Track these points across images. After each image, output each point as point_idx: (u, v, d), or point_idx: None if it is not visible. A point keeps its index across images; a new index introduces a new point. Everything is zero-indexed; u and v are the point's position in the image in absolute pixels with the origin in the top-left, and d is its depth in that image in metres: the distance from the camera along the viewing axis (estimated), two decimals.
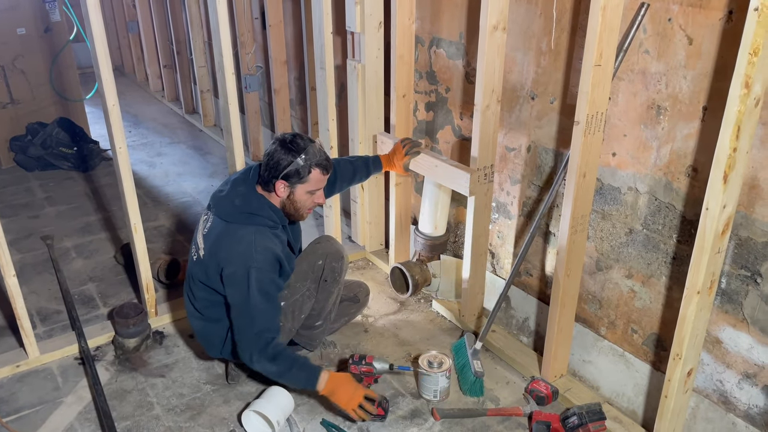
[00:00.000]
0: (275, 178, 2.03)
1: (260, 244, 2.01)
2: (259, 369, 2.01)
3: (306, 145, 2.02)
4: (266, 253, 2.01)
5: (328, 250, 2.23)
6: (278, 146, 2.01)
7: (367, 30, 2.63)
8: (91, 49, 2.14)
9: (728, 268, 1.78)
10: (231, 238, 2.03)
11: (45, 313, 2.71)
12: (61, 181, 4.06)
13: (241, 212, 2.05)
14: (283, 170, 2.01)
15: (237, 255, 2.00)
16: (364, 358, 2.18)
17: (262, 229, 2.04)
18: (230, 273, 2.00)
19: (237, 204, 2.07)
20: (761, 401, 1.79)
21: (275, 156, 2.01)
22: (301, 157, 2.00)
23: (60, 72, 4.35)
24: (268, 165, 2.03)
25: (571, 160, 1.92)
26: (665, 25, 1.76)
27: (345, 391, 2.00)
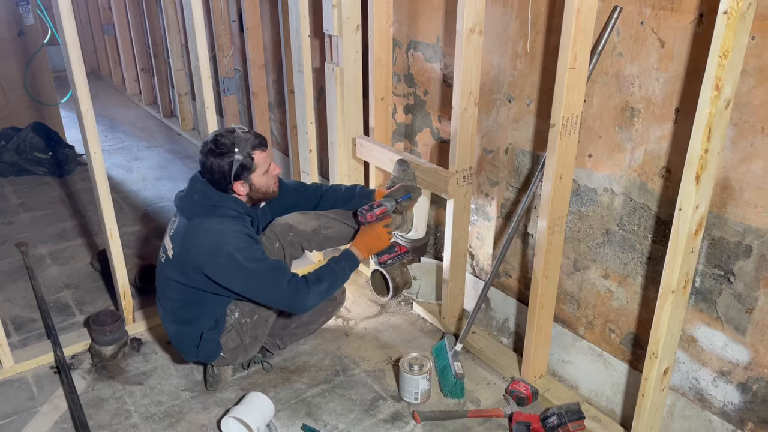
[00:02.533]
0: (229, 184, 2.03)
1: (227, 230, 2.01)
2: (318, 300, 2.05)
3: (232, 139, 2.01)
4: (238, 235, 2.01)
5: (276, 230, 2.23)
6: (210, 156, 2.01)
7: (345, 33, 2.63)
8: (65, 53, 2.11)
9: (702, 268, 1.80)
10: (196, 233, 2.03)
11: (20, 321, 2.66)
12: (36, 186, 3.99)
13: (201, 206, 2.06)
14: (230, 173, 2.01)
15: (209, 249, 1.99)
16: (372, 205, 2.20)
17: (225, 220, 2.03)
18: (215, 268, 2.00)
19: (196, 199, 2.07)
20: (736, 398, 1.82)
21: (214, 166, 2.01)
22: (236, 152, 1.99)
23: (34, 76, 4.28)
24: (213, 178, 2.04)
25: (548, 162, 1.94)
26: (638, 28, 1.78)
27: (372, 238, 2.17)
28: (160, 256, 2.18)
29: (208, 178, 2.06)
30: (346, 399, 2.23)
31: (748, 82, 1.58)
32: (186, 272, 2.07)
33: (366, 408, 2.19)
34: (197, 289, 2.09)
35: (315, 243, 2.26)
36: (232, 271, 1.99)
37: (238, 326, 2.16)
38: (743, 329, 1.75)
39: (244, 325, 2.17)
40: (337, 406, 2.20)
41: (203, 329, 2.15)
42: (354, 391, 2.27)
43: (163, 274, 2.15)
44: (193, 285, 2.08)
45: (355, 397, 2.24)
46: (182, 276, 2.08)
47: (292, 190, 2.36)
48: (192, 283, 2.08)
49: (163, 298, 2.21)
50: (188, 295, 2.11)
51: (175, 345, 2.27)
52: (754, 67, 1.56)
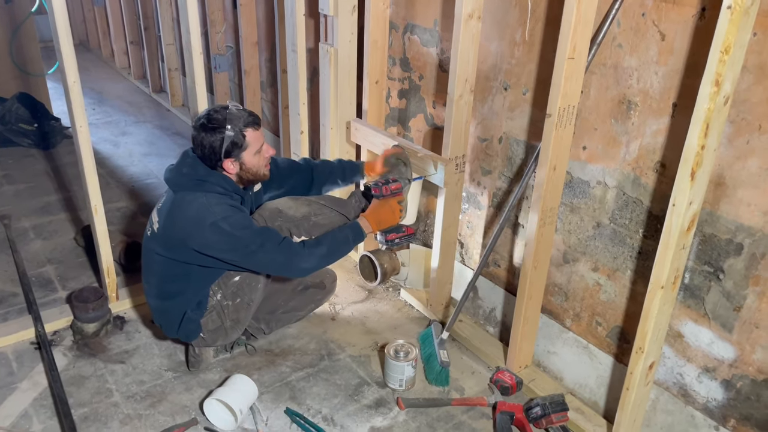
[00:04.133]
0: (219, 161, 2.00)
1: (212, 201, 1.98)
2: (315, 263, 2.03)
3: (225, 115, 1.97)
4: (222, 205, 1.98)
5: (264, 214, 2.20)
6: (201, 132, 1.98)
7: (341, 13, 2.58)
8: (52, 23, 2.05)
9: (692, 264, 1.80)
10: (180, 206, 2.01)
11: (0, 295, 2.62)
12: (21, 158, 3.92)
13: (189, 179, 2.03)
14: (220, 150, 1.97)
15: (193, 221, 1.97)
16: (384, 179, 2.18)
17: (211, 195, 2.01)
18: (202, 240, 1.97)
19: (185, 172, 2.05)
20: (719, 395, 1.83)
21: (204, 142, 1.98)
22: (227, 128, 1.96)
23: (21, 45, 4.18)
24: (203, 154, 2.00)
25: (542, 153, 1.92)
26: (639, 20, 1.76)
27: (386, 212, 2.16)
28: (146, 229, 2.15)
29: (198, 154, 2.03)
30: (330, 384, 2.22)
31: (747, 79, 1.56)
32: (171, 246, 2.04)
33: (350, 393, 2.18)
34: (182, 263, 2.06)
35: (304, 229, 2.23)
36: (221, 241, 1.96)
37: (220, 308, 2.14)
38: (730, 327, 1.75)
39: (226, 308, 2.14)
40: (321, 391, 2.19)
41: (186, 308, 2.12)
42: (339, 376, 2.26)
43: (149, 248, 2.13)
44: (179, 258, 2.05)
45: (339, 382, 2.23)
46: (167, 250, 2.06)
47: (286, 169, 2.33)
48: (177, 256, 2.05)
49: (148, 273, 2.18)
50: (173, 268, 2.08)
51: (156, 320, 2.25)
52: (755, 65, 1.55)
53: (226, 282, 2.13)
